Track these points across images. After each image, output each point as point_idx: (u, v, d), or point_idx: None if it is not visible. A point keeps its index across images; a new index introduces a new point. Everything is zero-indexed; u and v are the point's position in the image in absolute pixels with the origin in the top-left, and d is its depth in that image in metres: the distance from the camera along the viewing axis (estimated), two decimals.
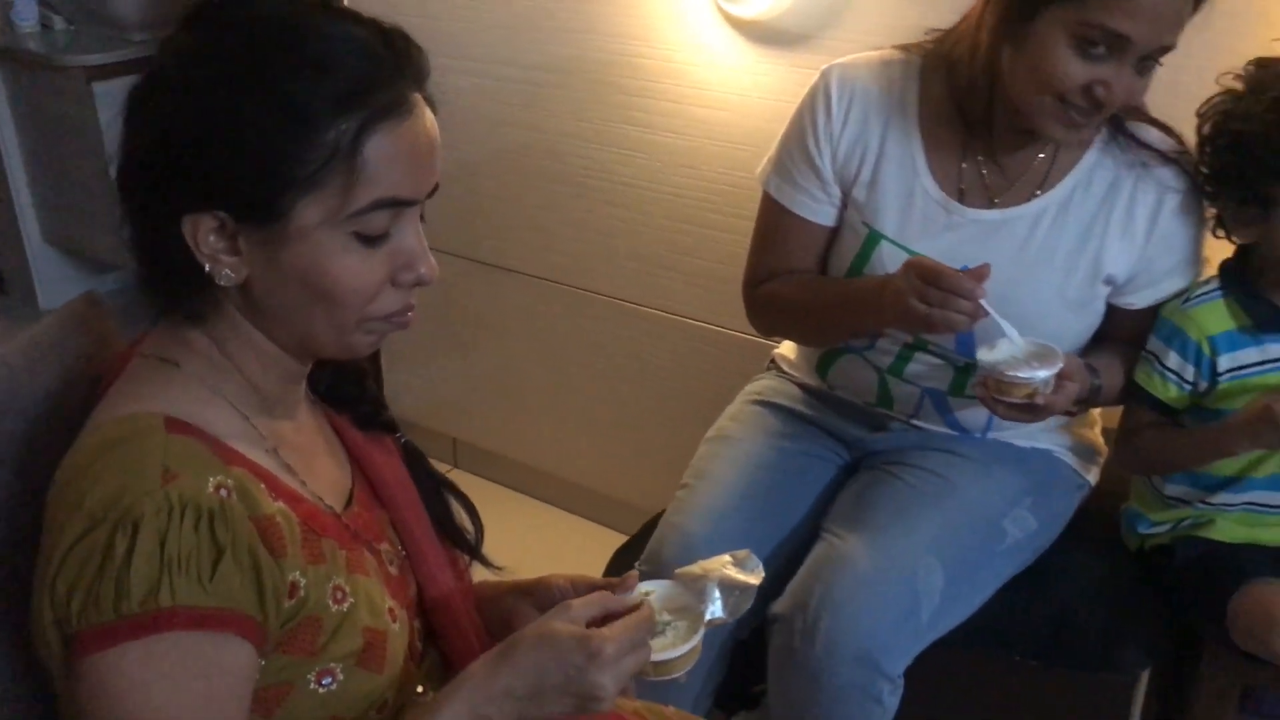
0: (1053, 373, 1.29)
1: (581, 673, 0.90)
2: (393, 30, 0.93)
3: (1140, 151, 1.42)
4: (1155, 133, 1.44)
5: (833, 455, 1.61)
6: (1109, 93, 1.29)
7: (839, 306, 1.47)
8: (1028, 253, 1.44)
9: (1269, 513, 1.47)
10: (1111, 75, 1.28)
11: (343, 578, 0.95)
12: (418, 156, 0.92)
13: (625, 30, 2.19)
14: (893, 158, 1.47)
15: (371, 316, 0.94)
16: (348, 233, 0.89)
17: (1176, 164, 1.42)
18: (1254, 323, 1.42)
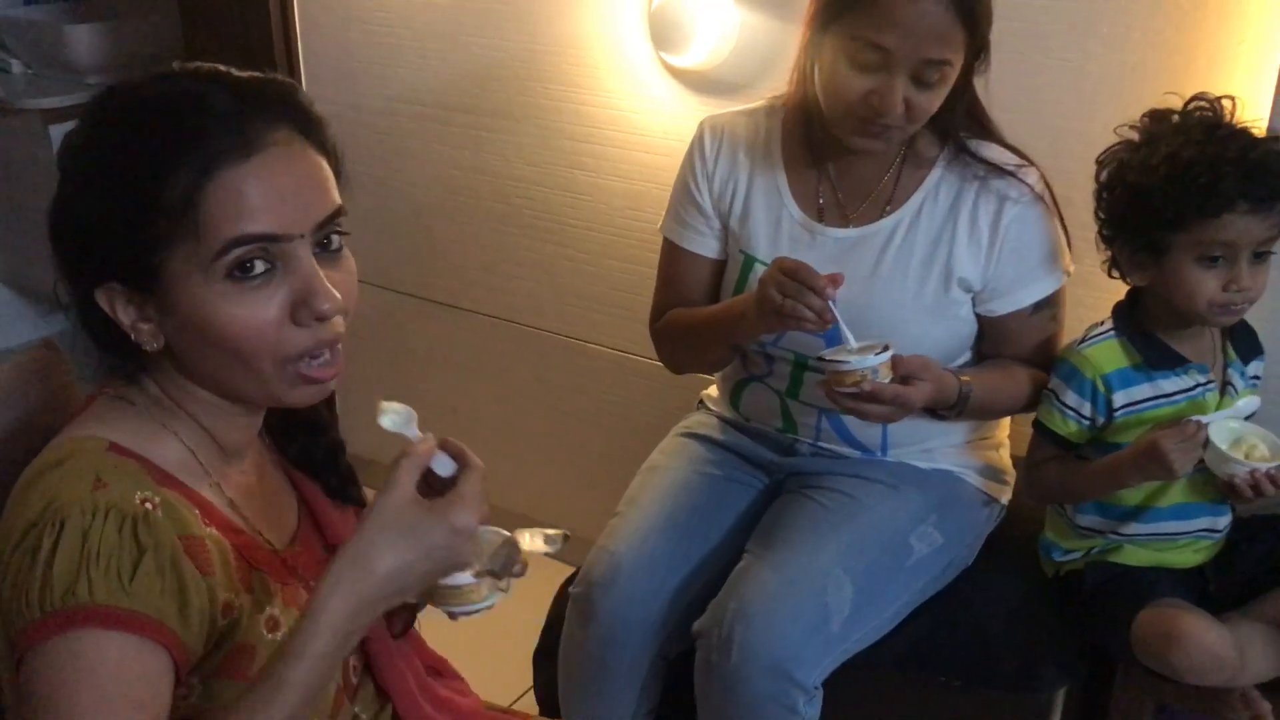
0: (879, 361, 1.37)
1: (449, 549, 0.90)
2: (248, 79, 0.95)
3: (979, 166, 1.51)
4: (996, 150, 1.53)
5: (753, 480, 1.68)
6: (884, 102, 1.39)
7: (717, 321, 1.58)
8: (884, 264, 1.54)
9: (1175, 539, 1.54)
10: (884, 86, 1.38)
11: (278, 609, 0.98)
12: (274, 192, 0.91)
13: (571, 79, 2.27)
14: (760, 189, 1.60)
15: (287, 359, 0.94)
16: (222, 279, 0.90)
17: (1014, 176, 1.51)
18: (1145, 361, 1.49)
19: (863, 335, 1.50)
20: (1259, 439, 1.43)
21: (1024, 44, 1.77)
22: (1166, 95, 1.48)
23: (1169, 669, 1.41)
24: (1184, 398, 1.49)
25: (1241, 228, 1.38)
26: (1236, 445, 1.42)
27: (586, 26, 2.21)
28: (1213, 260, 1.40)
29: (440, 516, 0.90)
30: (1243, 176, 1.36)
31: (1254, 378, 1.56)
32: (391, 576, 0.88)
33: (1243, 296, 1.42)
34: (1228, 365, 1.52)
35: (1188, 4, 1.65)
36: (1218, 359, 1.53)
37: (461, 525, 0.90)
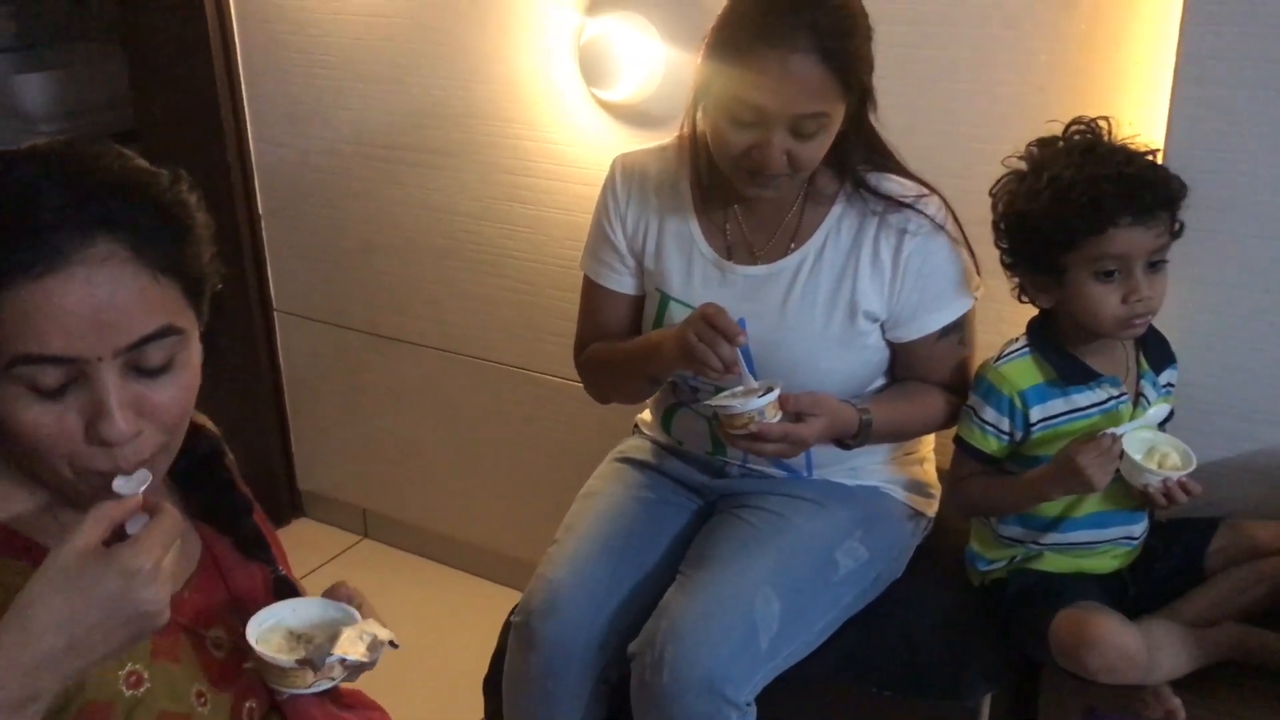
0: (764, 403, 1.42)
1: (124, 596, 0.83)
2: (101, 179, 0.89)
3: (878, 201, 1.55)
4: (895, 182, 1.57)
5: (687, 503, 1.72)
6: (765, 157, 1.42)
7: (635, 355, 1.62)
8: (792, 300, 1.58)
9: (1094, 547, 1.58)
10: (763, 141, 1.42)
11: (142, 664, 0.97)
12: (74, 314, 0.86)
13: (508, 115, 2.32)
14: (671, 228, 1.64)
15: (84, 470, 0.91)
16: (16, 383, 0.87)
17: (913, 209, 1.55)
18: (1059, 376, 1.53)
19: (775, 367, 1.55)
20: (1171, 448, 1.47)
21: (934, 71, 1.82)
22: (1049, 123, 1.53)
23: (1084, 670, 1.45)
24: (1097, 411, 1.53)
25: (1129, 240, 1.43)
26: (1150, 455, 1.46)
27: (520, 64, 2.26)
28: (1108, 275, 1.45)
29: (109, 561, 0.83)
30: (1122, 190, 1.41)
31: (1167, 385, 1.60)
32: (57, 629, 0.81)
33: (1144, 306, 1.46)
34: (1140, 376, 1.56)
35: (1086, 27, 1.71)
36: (1130, 371, 1.57)
37: (133, 567, 0.83)
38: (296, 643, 1.04)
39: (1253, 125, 1.55)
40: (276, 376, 2.90)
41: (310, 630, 1.06)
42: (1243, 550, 1.59)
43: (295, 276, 2.79)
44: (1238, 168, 1.58)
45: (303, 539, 2.94)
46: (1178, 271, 1.61)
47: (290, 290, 2.82)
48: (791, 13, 1.38)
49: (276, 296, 2.84)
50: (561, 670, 1.59)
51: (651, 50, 2.06)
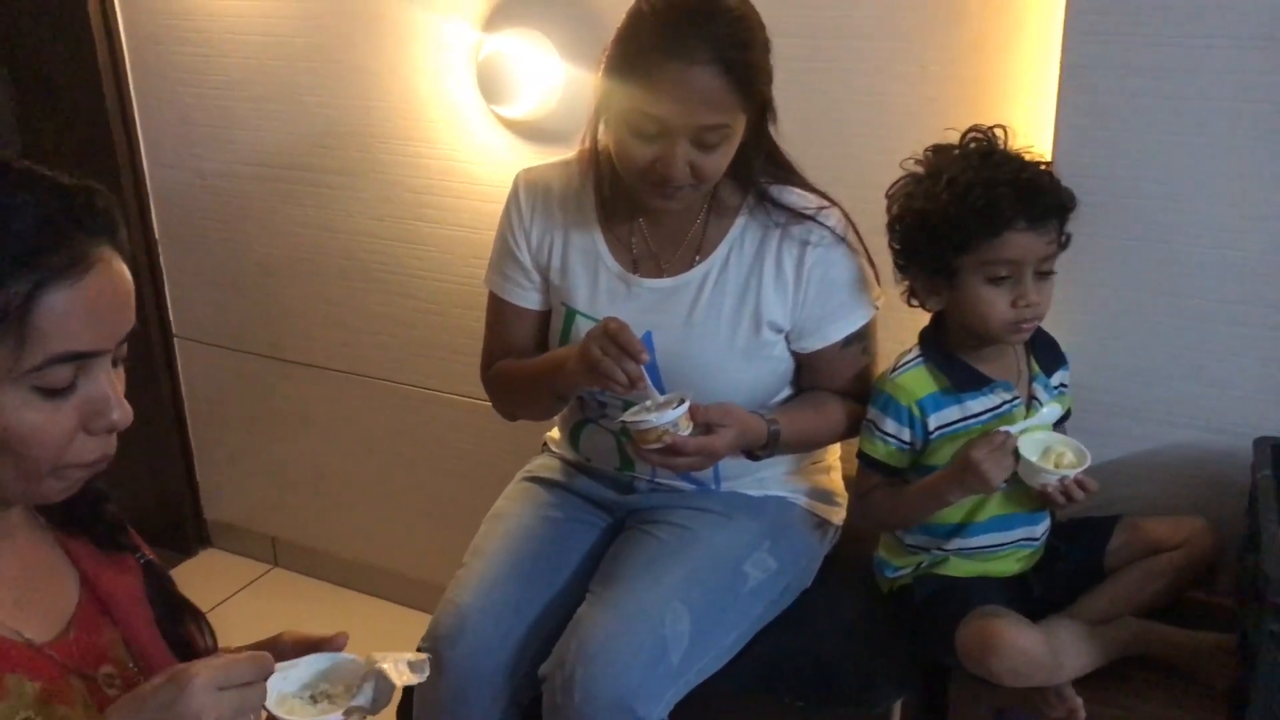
0: (677, 415, 1.42)
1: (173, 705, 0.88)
2: (73, 187, 0.95)
3: (780, 213, 1.56)
4: (797, 194, 1.59)
5: (596, 521, 1.71)
6: (668, 169, 1.43)
7: (542, 371, 1.61)
8: (698, 312, 1.58)
9: (997, 550, 1.60)
10: (666, 153, 1.42)
11: (32, 709, 0.95)
12: (99, 310, 0.93)
13: (409, 134, 2.29)
14: (577, 242, 1.63)
15: (67, 465, 0.95)
16: (28, 388, 0.91)
17: (814, 220, 1.56)
18: (952, 383, 1.54)
19: (682, 379, 1.56)
20: (1066, 447, 1.49)
21: (829, 83, 1.84)
22: (947, 131, 1.55)
23: (990, 674, 1.46)
24: (991, 416, 1.55)
25: (1022, 245, 1.45)
26: (1046, 455, 1.48)
27: (419, 82, 2.24)
28: (1000, 279, 1.47)
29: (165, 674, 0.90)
30: (1018, 196, 1.44)
31: (1060, 386, 1.63)
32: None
33: (1031, 312, 1.48)
34: (1032, 379, 1.59)
35: (975, 38, 1.74)
36: (1022, 375, 1.59)
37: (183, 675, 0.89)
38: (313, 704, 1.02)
39: (1135, 132, 1.59)
40: (178, 404, 2.83)
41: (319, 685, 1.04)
42: (1140, 547, 1.63)
43: (195, 301, 2.73)
44: (1123, 173, 1.61)
45: (212, 570, 2.87)
46: (1071, 275, 1.65)
47: (190, 315, 2.75)
48: (690, 25, 1.39)
49: (176, 322, 2.77)
50: (472, 696, 1.56)
51: (550, 66, 2.05)
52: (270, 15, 2.35)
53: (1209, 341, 1.64)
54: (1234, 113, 1.54)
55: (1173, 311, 1.65)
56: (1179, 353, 1.66)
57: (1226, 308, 1.62)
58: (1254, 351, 1.62)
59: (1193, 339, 1.65)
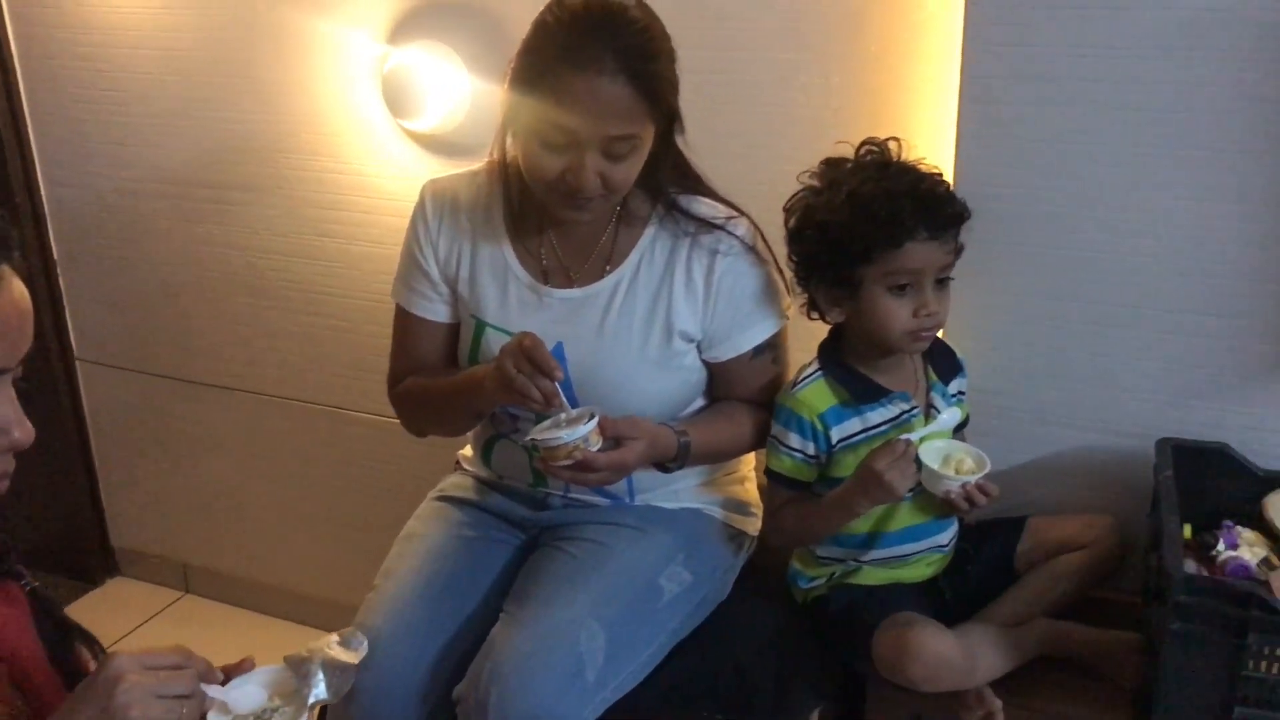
0: (587, 430, 1.41)
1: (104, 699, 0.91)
2: None
3: (689, 223, 1.56)
4: (705, 204, 1.59)
5: (510, 538, 1.68)
6: (579, 180, 1.42)
7: (457, 389, 1.58)
8: (609, 322, 1.57)
9: (907, 559, 1.61)
10: (575, 164, 1.42)
11: None
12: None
13: (314, 148, 2.25)
14: (485, 253, 1.61)
15: None
16: None
17: (723, 230, 1.56)
18: (851, 396, 1.56)
19: (595, 390, 1.55)
20: (965, 454, 1.51)
21: (737, 95, 1.84)
22: (839, 144, 1.56)
23: (907, 680, 1.47)
24: (890, 426, 1.56)
25: (923, 255, 1.47)
26: (946, 462, 1.49)
27: (323, 95, 2.20)
28: (901, 288, 1.49)
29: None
30: (918, 207, 1.45)
31: (958, 394, 1.64)
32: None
33: (931, 321, 1.50)
34: (930, 388, 1.60)
35: (876, 49, 1.75)
36: (919, 384, 1.60)
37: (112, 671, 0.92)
38: None
39: (1035, 140, 1.61)
40: (81, 429, 2.74)
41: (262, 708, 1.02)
42: (1048, 547, 1.66)
43: (96, 323, 2.65)
44: (1023, 181, 1.64)
45: (119, 599, 2.79)
46: (972, 281, 1.67)
47: (92, 337, 2.67)
48: (596, 37, 1.38)
49: (77, 344, 2.68)
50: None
51: (456, 79, 2.03)
52: (169, 29, 2.29)
53: (1110, 345, 1.67)
54: (1129, 121, 1.57)
55: (1075, 316, 1.67)
56: (1081, 357, 1.69)
57: (1126, 311, 1.65)
58: (1154, 354, 1.66)
59: (1095, 343, 1.68)
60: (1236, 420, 1.64)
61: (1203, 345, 1.63)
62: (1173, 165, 1.56)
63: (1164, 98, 1.54)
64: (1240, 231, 1.56)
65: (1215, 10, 1.49)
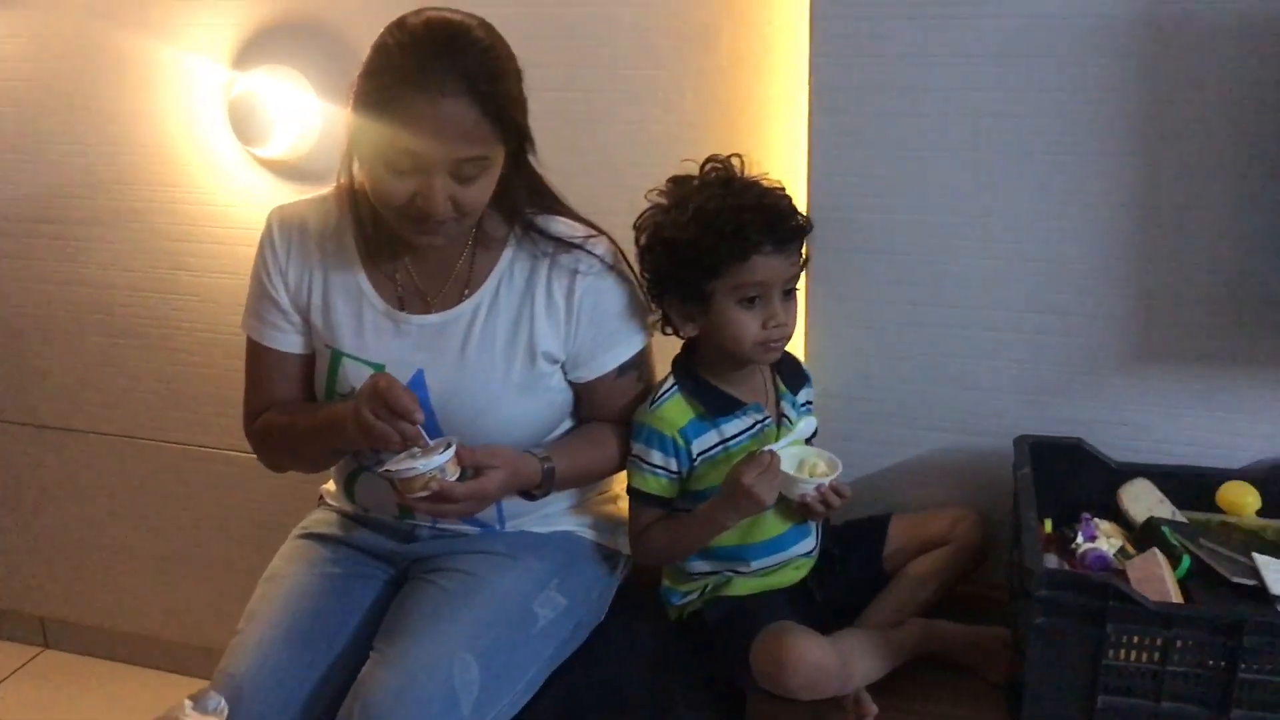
0: (444, 460, 1.39)
1: None
2: None
3: (547, 243, 1.55)
4: (563, 224, 1.57)
5: (378, 573, 1.64)
6: (429, 204, 1.40)
7: (318, 430, 1.53)
8: (470, 347, 1.54)
9: (775, 569, 1.62)
10: (424, 188, 1.39)
11: None
12: None
13: (161, 179, 2.17)
14: (338, 281, 1.57)
15: None
16: None
17: (582, 249, 1.55)
18: (707, 410, 1.56)
19: (458, 416, 1.52)
20: (818, 457, 1.54)
21: (591, 113, 1.83)
22: (684, 162, 1.56)
23: (786, 690, 1.47)
24: (746, 436, 1.57)
25: (769, 267, 1.48)
26: (800, 467, 1.52)
27: (169, 124, 2.12)
28: (750, 301, 1.50)
29: None
30: (763, 221, 1.47)
31: (806, 404, 1.67)
32: None
33: (780, 332, 1.52)
34: (780, 399, 1.62)
35: (727, 62, 1.76)
36: (770, 395, 1.62)
37: None
38: None
39: (883, 149, 1.64)
40: None
41: None
42: (914, 546, 1.69)
43: None
44: (874, 189, 1.66)
45: None
46: (832, 290, 1.71)
47: None
48: (439, 59, 1.35)
49: None
50: None
51: (305, 104, 1.98)
52: (3, 59, 2.19)
53: (966, 347, 1.70)
54: (973, 127, 1.60)
55: (930, 320, 1.70)
56: (938, 359, 1.72)
57: (980, 314, 1.68)
58: (1009, 354, 1.69)
59: (951, 345, 1.71)
60: (1091, 415, 1.69)
61: (1055, 344, 1.67)
62: (1016, 168, 1.60)
63: (1003, 102, 1.58)
64: (1084, 231, 1.61)
65: (1049, 16, 1.53)
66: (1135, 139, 1.55)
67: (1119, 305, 1.63)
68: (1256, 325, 1.59)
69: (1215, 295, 1.59)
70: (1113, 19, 1.51)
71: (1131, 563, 1.45)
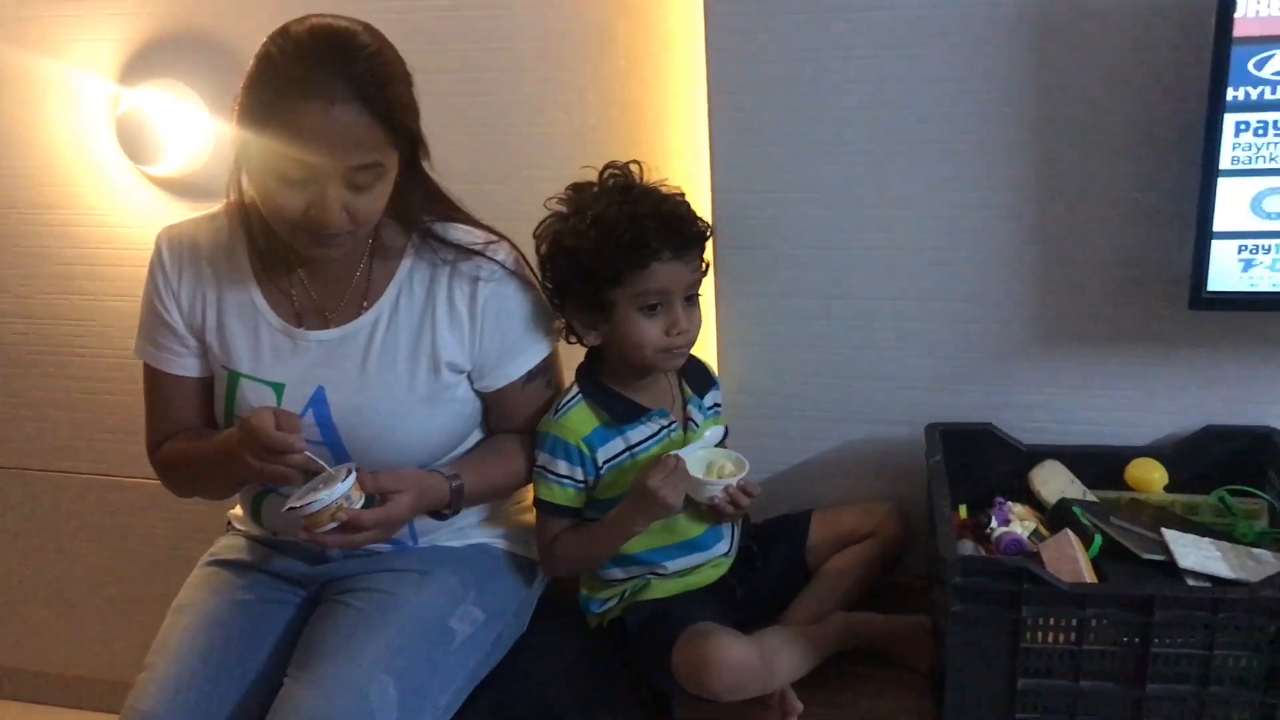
0: (347, 487, 1.36)
1: None
2: None
3: (447, 250, 1.52)
4: (463, 230, 1.55)
5: (290, 597, 1.60)
6: (323, 216, 1.36)
7: (217, 460, 1.49)
8: (372, 361, 1.51)
9: (693, 569, 1.62)
10: (317, 199, 1.36)
11: None
12: None
13: (49, 201, 2.09)
14: (232, 300, 1.53)
15: None
16: None
17: (483, 255, 1.53)
18: (612, 417, 1.55)
19: (363, 433, 1.49)
20: (725, 459, 1.54)
21: (492, 117, 1.81)
22: (583, 169, 1.55)
23: (710, 693, 1.46)
24: (653, 443, 1.57)
25: (669, 274, 1.48)
26: (709, 470, 1.52)
27: (56, 143, 2.05)
28: (652, 309, 1.49)
29: None
30: (661, 228, 1.46)
31: (714, 407, 1.66)
32: None
33: (683, 339, 1.51)
34: (686, 403, 1.61)
35: (626, 63, 1.74)
36: (675, 400, 1.61)
37: None
38: None
39: (782, 144, 1.64)
40: None
41: None
42: (835, 540, 1.71)
43: None
44: (776, 185, 1.67)
45: None
46: (740, 288, 1.71)
47: None
48: (325, 66, 1.32)
49: None
50: None
51: (196, 119, 1.92)
52: None
53: (874, 338, 1.72)
54: (871, 118, 1.61)
55: (840, 313, 1.71)
56: (848, 352, 1.73)
57: (888, 304, 1.69)
58: (918, 343, 1.71)
59: (861, 337, 1.72)
60: (1000, 400, 1.71)
61: (962, 331, 1.69)
62: (915, 158, 1.62)
63: (900, 93, 1.59)
64: (986, 219, 1.63)
65: (942, 6, 1.54)
66: (1029, 126, 1.57)
67: (1022, 290, 1.65)
68: (1156, 303, 1.61)
69: (1116, 276, 1.61)
70: (1004, 7, 1.53)
71: (1045, 544, 1.47)
